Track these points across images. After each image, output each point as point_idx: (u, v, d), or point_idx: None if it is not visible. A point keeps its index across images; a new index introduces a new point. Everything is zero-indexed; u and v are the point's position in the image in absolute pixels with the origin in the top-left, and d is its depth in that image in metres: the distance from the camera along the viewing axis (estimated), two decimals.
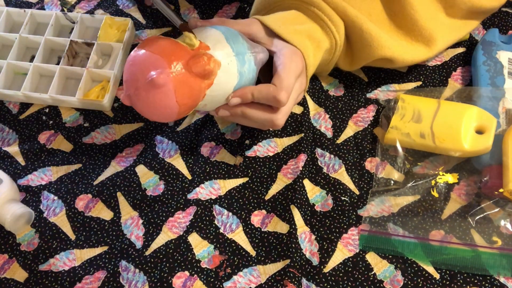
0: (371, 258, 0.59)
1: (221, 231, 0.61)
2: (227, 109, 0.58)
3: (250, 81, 0.58)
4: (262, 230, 0.61)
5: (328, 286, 0.57)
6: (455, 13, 0.66)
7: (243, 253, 0.59)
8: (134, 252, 0.60)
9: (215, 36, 0.56)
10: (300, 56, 0.59)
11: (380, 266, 0.58)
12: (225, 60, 0.55)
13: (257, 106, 0.58)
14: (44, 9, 0.80)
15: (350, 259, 0.59)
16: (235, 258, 0.59)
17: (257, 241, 0.60)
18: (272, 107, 0.58)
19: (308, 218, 0.61)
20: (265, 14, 0.65)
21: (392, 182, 0.63)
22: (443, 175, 0.62)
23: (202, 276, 0.58)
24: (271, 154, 0.65)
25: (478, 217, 0.59)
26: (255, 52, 0.58)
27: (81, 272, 0.59)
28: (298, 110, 0.68)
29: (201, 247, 0.60)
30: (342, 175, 0.64)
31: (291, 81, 0.57)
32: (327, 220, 0.61)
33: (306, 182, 0.63)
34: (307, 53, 0.60)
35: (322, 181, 0.63)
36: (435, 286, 0.57)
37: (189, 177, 0.64)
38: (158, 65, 0.51)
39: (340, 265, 0.58)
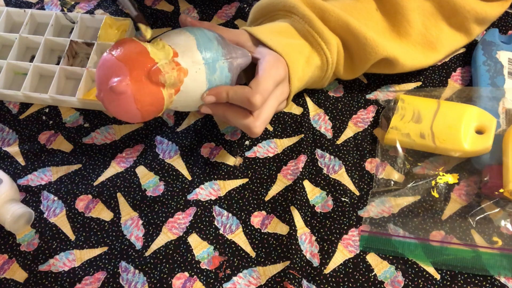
0: (372, 259, 0.59)
1: (221, 232, 0.61)
2: (209, 107, 0.58)
3: None
4: (262, 231, 0.61)
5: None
6: (458, 23, 0.66)
7: (243, 254, 0.59)
8: (134, 253, 0.60)
9: (186, 42, 0.56)
10: (283, 64, 0.59)
11: (380, 267, 0.58)
12: (193, 68, 0.55)
13: (236, 109, 0.57)
14: (44, 9, 0.79)
15: (351, 260, 0.59)
16: (235, 259, 0.59)
17: (257, 242, 0.60)
18: (251, 113, 0.57)
19: (308, 219, 0.61)
20: (262, 22, 0.65)
21: (392, 182, 0.63)
22: (443, 175, 0.62)
23: (202, 277, 0.58)
24: (271, 155, 0.65)
25: (478, 218, 0.59)
26: (231, 58, 0.57)
27: (81, 272, 0.59)
28: (298, 111, 0.68)
29: (201, 248, 0.60)
30: (342, 176, 0.64)
31: (268, 86, 0.56)
32: (327, 221, 0.61)
33: (306, 183, 0.63)
34: (291, 61, 0.59)
35: (322, 182, 0.63)
36: (436, 286, 0.57)
37: (189, 178, 0.64)
38: (120, 73, 0.53)
39: (340, 266, 0.58)
